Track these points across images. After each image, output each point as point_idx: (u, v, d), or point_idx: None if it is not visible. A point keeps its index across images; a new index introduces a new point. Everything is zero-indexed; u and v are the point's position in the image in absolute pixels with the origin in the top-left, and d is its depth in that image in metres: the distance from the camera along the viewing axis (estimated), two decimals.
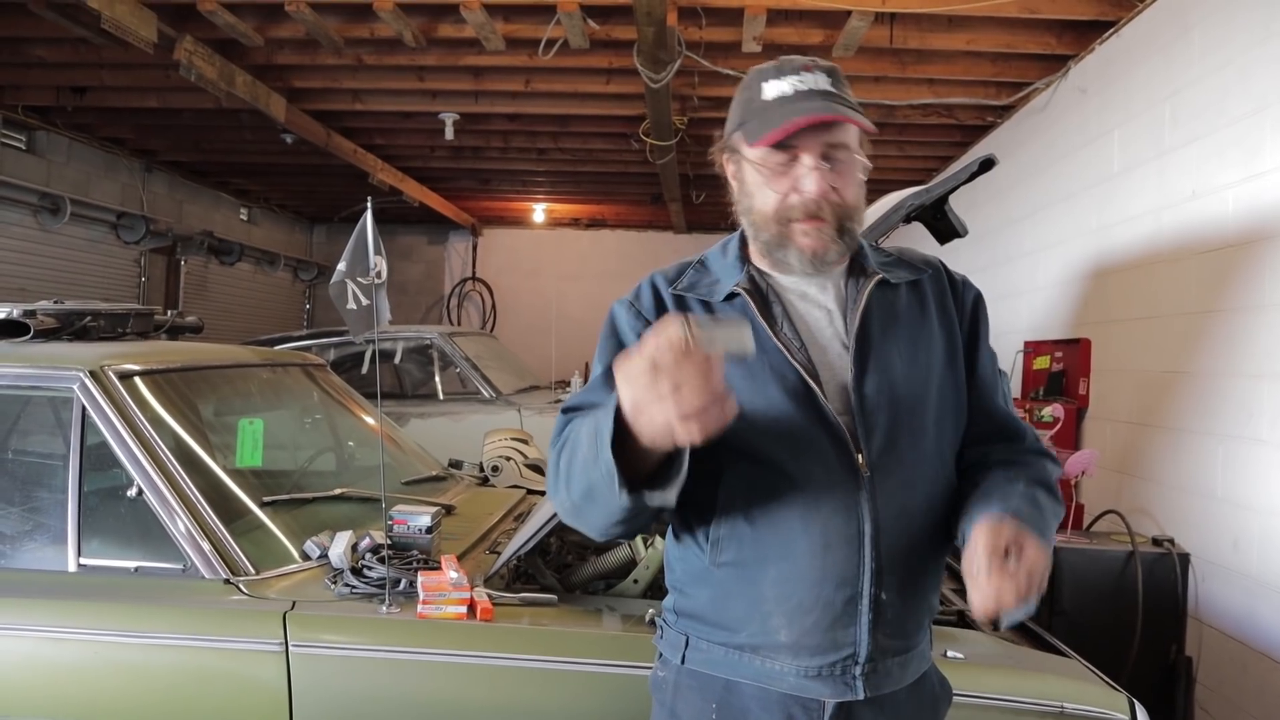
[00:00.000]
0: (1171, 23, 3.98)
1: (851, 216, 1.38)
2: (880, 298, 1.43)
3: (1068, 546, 3.65)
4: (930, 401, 1.40)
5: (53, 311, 2.70)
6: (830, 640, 1.34)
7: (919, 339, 1.43)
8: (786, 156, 1.35)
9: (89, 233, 7.80)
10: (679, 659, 1.44)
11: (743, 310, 1.40)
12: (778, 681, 1.36)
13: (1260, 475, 3.23)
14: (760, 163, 1.37)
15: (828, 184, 1.34)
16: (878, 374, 1.37)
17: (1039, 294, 5.40)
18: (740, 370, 1.36)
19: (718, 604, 1.40)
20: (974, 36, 4.98)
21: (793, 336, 1.39)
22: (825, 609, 1.33)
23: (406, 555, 2.29)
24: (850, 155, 1.37)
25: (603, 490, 1.20)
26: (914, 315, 1.45)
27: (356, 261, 2.13)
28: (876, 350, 1.39)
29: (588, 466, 1.22)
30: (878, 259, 1.49)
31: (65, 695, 2.05)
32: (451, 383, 6.69)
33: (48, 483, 2.40)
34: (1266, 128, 3.26)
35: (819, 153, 1.34)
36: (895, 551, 1.34)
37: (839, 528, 1.31)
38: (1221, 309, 3.49)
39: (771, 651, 1.36)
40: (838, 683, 1.34)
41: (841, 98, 1.36)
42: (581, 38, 4.99)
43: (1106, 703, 1.91)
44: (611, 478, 1.16)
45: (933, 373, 1.42)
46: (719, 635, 1.40)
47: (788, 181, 1.36)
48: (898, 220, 2.27)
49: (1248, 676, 3.26)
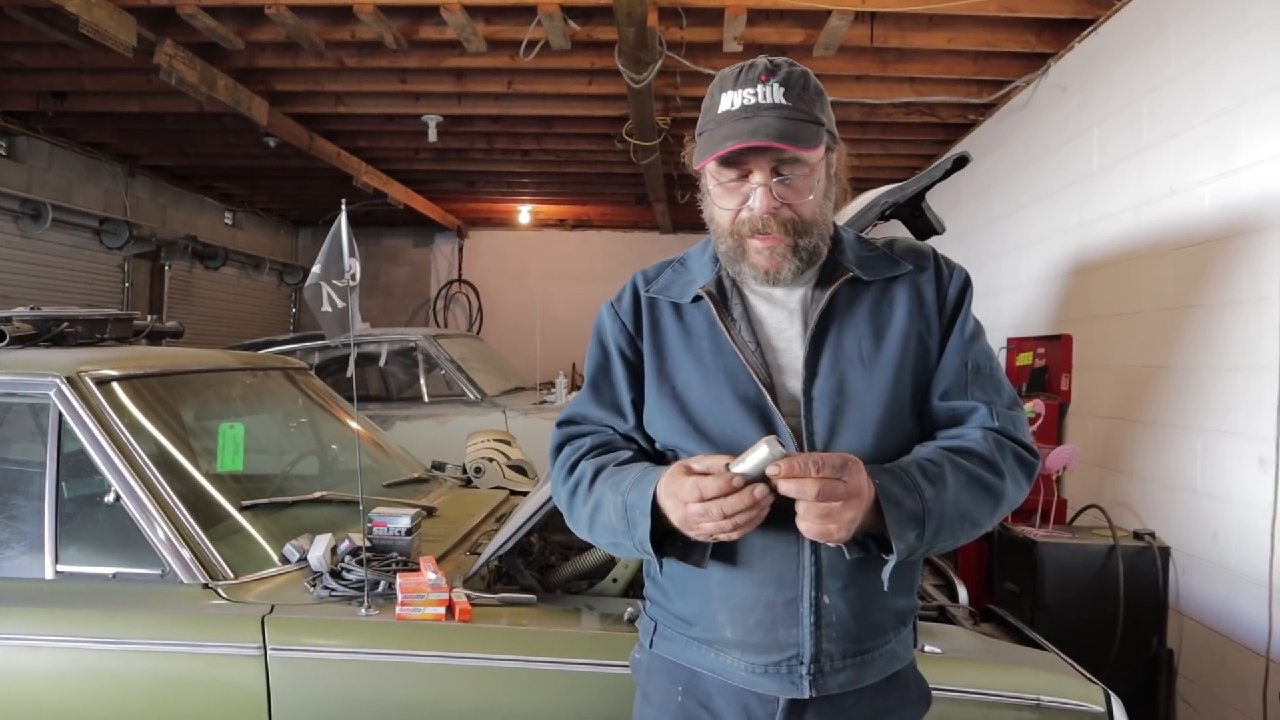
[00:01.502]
0: (1149, 21, 4.01)
1: (808, 231, 1.37)
2: (848, 296, 1.43)
3: (1050, 541, 3.69)
4: (888, 403, 1.38)
5: (29, 318, 2.69)
6: (773, 640, 1.35)
7: (885, 338, 1.41)
8: (738, 172, 1.36)
9: (71, 238, 7.75)
10: (649, 643, 1.50)
11: (706, 312, 1.43)
12: (730, 675, 1.39)
13: (1237, 468, 3.25)
14: (714, 178, 1.39)
15: (778, 201, 1.34)
16: (829, 376, 1.37)
17: (1021, 291, 5.43)
18: (696, 373, 1.41)
19: (676, 597, 1.45)
20: (954, 35, 5.00)
21: (749, 339, 1.41)
22: (766, 609, 1.35)
23: (386, 557, 2.29)
24: (805, 170, 1.35)
25: (634, 552, 1.37)
26: (884, 314, 1.43)
27: (331, 264, 2.13)
28: (833, 352, 1.39)
29: (615, 532, 1.37)
30: (860, 253, 1.47)
31: (44, 703, 2.04)
32: (437, 385, 6.69)
33: (24, 489, 2.38)
34: (1241, 124, 3.29)
35: (769, 169, 1.34)
36: (837, 555, 1.33)
37: (778, 531, 1.31)
38: (1199, 304, 3.51)
39: (723, 646, 1.39)
40: (784, 681, 1.36)
41: (797, 110, 1.33)
42: (563, 39, 4.99)
43: (1083, 695, 1.93)
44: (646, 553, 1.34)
45: (896, 372, 1.40)
46: (680, 626, 1.45)
47: (739, 198, 1.37)
48: (873, 218, 2.28)
49: (1227, 667, 3.29)
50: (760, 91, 1.33)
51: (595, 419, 1.52)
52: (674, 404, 1.42)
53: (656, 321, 1.48)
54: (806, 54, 5.23)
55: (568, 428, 1.54)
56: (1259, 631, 3.10)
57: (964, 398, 1.42)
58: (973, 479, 1.33)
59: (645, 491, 1.29)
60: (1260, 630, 3.09)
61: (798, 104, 1.34)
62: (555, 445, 1.54)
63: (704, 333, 1.43)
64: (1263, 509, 3.09)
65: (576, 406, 1.55)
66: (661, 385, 1.44)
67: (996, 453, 1.37)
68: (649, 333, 1.48)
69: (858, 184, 1.53)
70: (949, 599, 2.64)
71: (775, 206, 1.34)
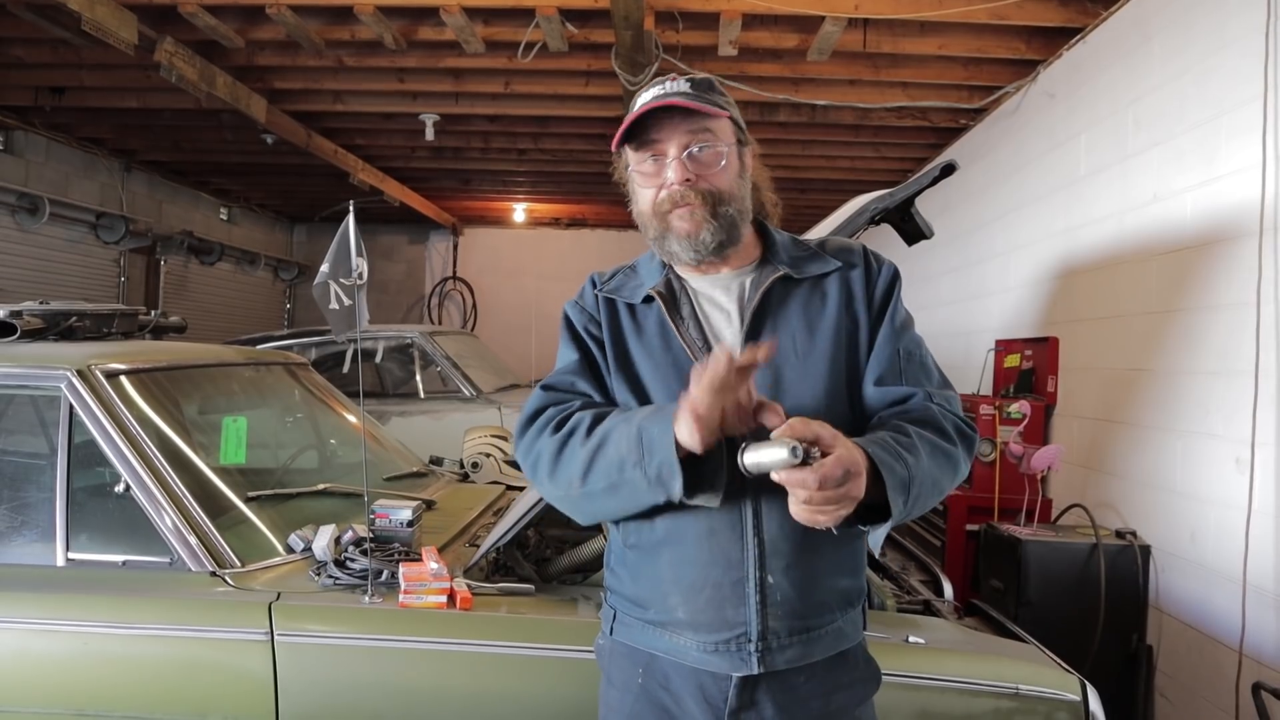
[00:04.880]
0: (1134, 31, 4.09)
1: (725, 201, 1.48)
2: (780, 294, 1.52)
3: (1034, 540, 3.77)
4: (823, 391, 1.47)
5: (39, 312, 2.74)
6: (721, 619, 1.44)
7: (817, 331, 1.50)
8: (652, 153, 1.48)
9: (68, 233, 7.78)
10: (609, 630, 1.58)
11: (656, 311, 1.53)
12: (684, 655, 1.47)
13: (1214, 469, 3.34)
14: (636, 169, 1.51)
15: (690, 173, 1.45)
16: (765, 371, 1.44)
17: (1009, 294, 5.52)
18: (648, 368, 1.51)
19: (631, 582, 1.54)
20: (945, 41, 5.08)
21: (697, 336, 1.51)
22: (715, 589, 1.44)
23: (388, 548, 2.35)
24: (715, 143, 1.47)
25: (638, 488, 1.36)
26: (816, 309, 1.52)
27: (339, 263, 2.19)
28: None
29: (624, 466, 1.37)
30: (792, 253, 1.57)
31: (55, 686, 2.10)
32: (432, 381, 6.74)
33: (36, 480, 2.44)
34: (1222, 134, 3.37)
35: (681, 145, 1.45)
36: (779, 537, 1.43)
37: (722, 515, 1.42)
38: (1180, 309, 3.60)
39: (676, 627, 1.48)
40: (734, 658, 1.44)
41: (698, 95, 1.46)
42: (560, 41, 5.05)
43: (1059, 684, 2.00)
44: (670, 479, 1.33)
45: (830, 363, 1.48)
46: (636, 611, 1.53)
47: (658, 180, 1.49)
48: (863, 223, 2.36)
49: (1203, 662, 3.38)
50: (669, 86, 1.48)
51: (580, 389, 1.58)
52: (631, 396, 1.51)
53: (613, 317, 1.58)
54: (800, 58, 5.31)
55: (551, 393, 1.58)
56: (1233, 627, 3.19)
57: (898, 383, 1.51)
58: (935, 448, 1.41)
59: (665, 416, 1.34)
60: (1234, 625, 3.18)
61: (702, 92, 1.48)
62: (538, 407, 1.56)
63: (655, 331, 1.53)
64: (1238, 509, 3.17)
65: (561, 376, 1.60)
66: (619, 375, 1.54)
67: (945, 423, 1.46)
68: (607, 327, 1.58)
69: (851, 186, 1.61)
70: (935, 594, 2.72)
71: (689, 177, 1.45)
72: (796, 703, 1.47)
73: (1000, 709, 1.97)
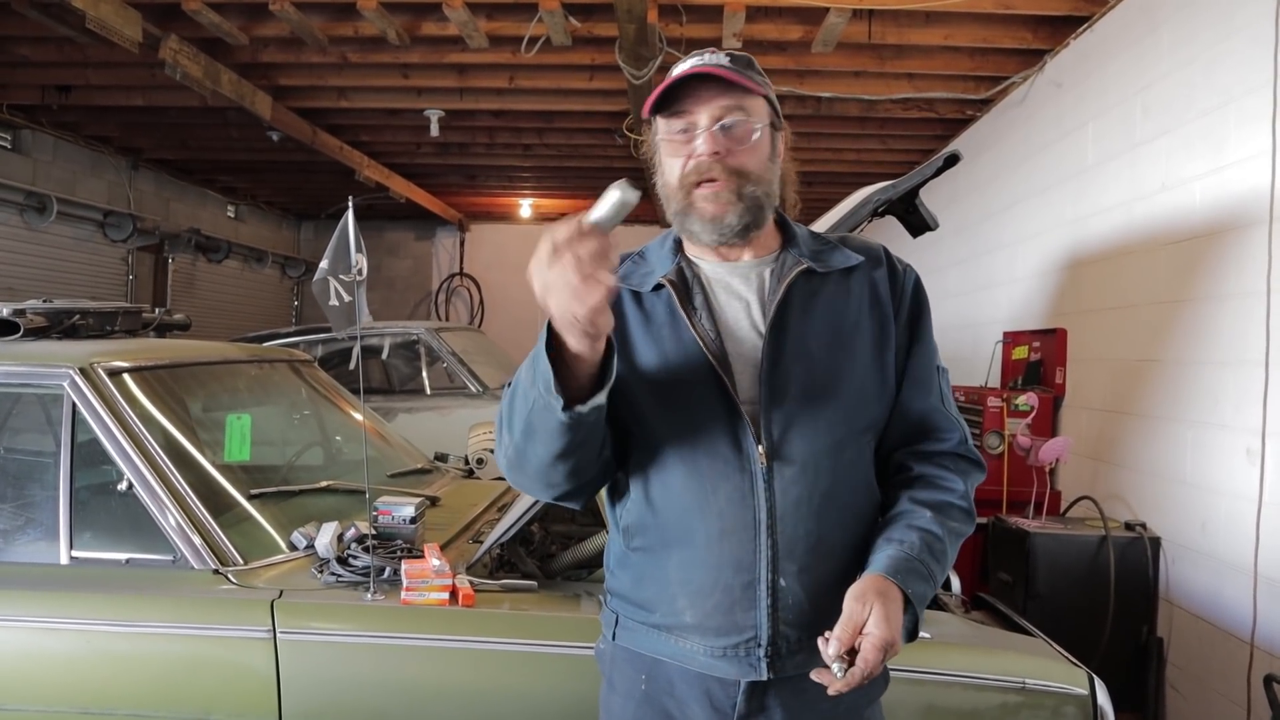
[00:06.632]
0: (1141, 19, 4.06)
1: (752, 181, 1.42)
2: (804, 287, 1.46)
3: (1043, 532, 3.74)
4: (847, 392, 1.42)
5: (42, 310, 2.75)
6: (731, 623, 1.39)
7: (842, 329, 1.45)
8: (684, 123, 1.42)
9: (76, 231, 7.81)
10: (611, 635, 1.53)
11: (666, 301, 1.47)
12: (690, 660, 1.42)
13: (1225, 460, 3.31)
14: (665, 137, 1.45)
15: (720, 146, 1.40)
16: (789, 364, 1.41)
17: (1017, 285, 5.49)
18: (656, 358, 1.43)
19: (635, 585, 1.48)
20: (951, 31, 5.04)
21: (709, 327, 1.44)
22: (725, 592, 1.39)
23: (391, 545, 2.35)
24: (747, 121, 1.42)
25: (540, 411, 1.27)
26: (840, 305, 1.47)
27: (339, 259, 2.18)
28: (791, 341, 1.42)
29: (525, 392, 1.29)
30: (812, 246, 1.52)
31: (59, 684, 2.10)
32: (439, 377, 6.74)
33: (39, 478, 2.44)
34: (1230, 122, 3.34)
35: (714, 117, 1.40)
36: (794, 539, 1.38)
37: (735, 515, 1.37)
38: (1189, 298, 3.57)
39: (682, 631, 1.43)
40: (743, 663, 1.39)
41: (737, 69, 1.42)
42: (564, 35, 5.04)
43: (1067, 678, 1.98)
44: (549, 388, 1.22)
45: (855, 363, 1.44)
46: (640, 615, 1.48)
47: (687, 150, 1.42)
48: (866, 214, 2.34)
49: (1215, 654, 3.36)
50: (707, 58, 1.44)
51: None
52: (635, 386, 1.44)
53: (618, 306, 1.50)
54: (805, 50, 5.28)
55: None
56: (1245, 619, 3.17)
57: (939, 405, 1.50)
58: (957, 537, 1.44)
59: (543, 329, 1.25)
60: (1246, 617, 3.16)
61: (741, 68, 1.43)
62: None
63: (664, 320, 1.46)
64: (1249, 500, 3.15)
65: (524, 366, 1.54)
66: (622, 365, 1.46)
67: (970, 496, 1.48)
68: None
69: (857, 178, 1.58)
70: (942, 588, 2.71)
71: (719, 150, 1.40)
72: (805, 706, 1.43)
73: (1007, 704, 1.96)
